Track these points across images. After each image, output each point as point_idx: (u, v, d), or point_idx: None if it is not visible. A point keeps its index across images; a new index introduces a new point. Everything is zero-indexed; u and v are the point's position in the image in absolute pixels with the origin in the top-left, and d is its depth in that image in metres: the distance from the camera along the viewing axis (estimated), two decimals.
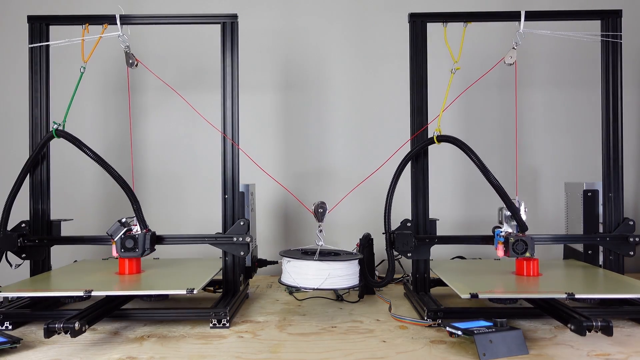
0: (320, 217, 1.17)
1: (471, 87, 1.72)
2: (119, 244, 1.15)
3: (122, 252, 1.15)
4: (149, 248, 1.16)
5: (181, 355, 0.91)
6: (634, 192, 1.77)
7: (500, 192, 1.11)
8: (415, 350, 0.93)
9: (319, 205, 1.18)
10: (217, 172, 1.25)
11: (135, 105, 1.76)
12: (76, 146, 1.16)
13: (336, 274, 1.10)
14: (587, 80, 1.74)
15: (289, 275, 1.11)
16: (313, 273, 1.09)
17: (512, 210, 1.12)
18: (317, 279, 1.08)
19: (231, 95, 1.24)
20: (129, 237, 1.15)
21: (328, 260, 1.09)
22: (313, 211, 1.18)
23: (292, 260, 1.12)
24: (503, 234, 1.16)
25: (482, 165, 1.12)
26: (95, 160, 1.16)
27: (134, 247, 1.15)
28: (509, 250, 1.12)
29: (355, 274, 1.13)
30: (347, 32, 1.78)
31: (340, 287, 1.12)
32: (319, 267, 1.09)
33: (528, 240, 1.12)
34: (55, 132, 1.18)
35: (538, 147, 1.76)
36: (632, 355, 0.89)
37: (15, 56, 1.76)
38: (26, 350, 0.94)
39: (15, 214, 1.21)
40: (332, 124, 1.78)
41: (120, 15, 1.23)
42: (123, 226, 1.16)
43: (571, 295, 0.98)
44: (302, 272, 1.10)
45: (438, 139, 1.19)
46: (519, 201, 1.16)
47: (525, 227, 1.13)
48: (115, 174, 1.16)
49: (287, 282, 1.12)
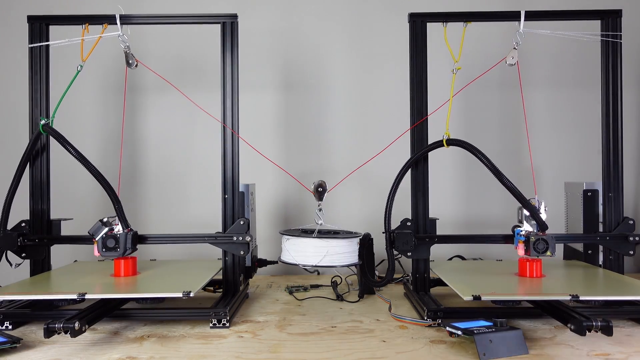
0: (319, 196, 1.17)
1: (472, 88, 1.71)
2: (100, 243, 1.14)
3: (103, 252, 1.14)
4: (130, 247, 1.16)
5: (181, 355, 0.92)
6: (634, 192, 1.77)
7: (516, 194, 1.10)
8: (415, 350, 0.93)
9: (319, 184, 1.18)
10: (218, 171, 1.25)
11: (136, 105, 1.76)
12: (60, 143, 1.15)
13: (334, 251, 1.09)
14: (587, 80, 1.74)
15: (288, 253, 1.11)
16: (312, 251, 1.09)
17: (530, 210, 1.12)
18: (315, 256, 1.08)
19: (231, 95, 1.24)
20: (110, 237, 1.15)
21: (326, 238, 1.09)
22: (313, 190, 1.17)
23: (291, 238, 1.11)
24: (523, 233, 1.15)
25: (495, 168, 1.11)
26: (78, 158, 1.14)
27: (115, 247, 1.14)
28: (529, 249, 1.12)
29: (354, 252, 1.12)
30: (347, 32, 1.78)
31: (339, 265, 1.11)
32: (317, 245, 1.08)
33: (549, 239, 1.11)
34: (42, 128, 1.18)
35: (538, 147, 1.76)
36: (632, 355, 0.89)
37: (15, 56, 1.76)
38: (26, 350, 0.94)
39: (15, 213, 1.21)
40: (332, 124, 1.78)
41: (120, 15, 1.24)
42: (104, 225, 1.15)
43: (575, 297, 0.97)
44: (301, 249, 1.09)
45: (447, 142, 1.18)
46: (538, 200, 1.15)
47: (546, 226, 1.12)
48: (96, 172, 1.15)
49: (286, 259, 1.12)
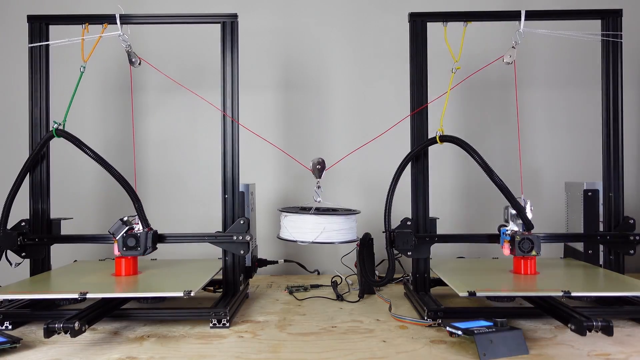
0: (318, 173, 1.17)
1: (472, 88, 1.71)
2: (120, 242, 1.14)
3: (124, 251, 1.14)
4: (150, 247, 1.16)
5: (181, 355, 0.91)
6: (634, 192, 1.77)
7: (505, 192, 1.11)
8: (415, 350, 0.93)
9: (318, 161, 1.18)
10: (218, 171, 1.25)
11: (136, 104, 1.76)
12: (76, 146, 1.16)
13: (332, 227, 1.09)
14: (587, 80, 1.74)
15: (286, 230, 1.11)
16: (309, 227, 1.08)
17: (518, 209, 1.12)
18: (313, 232, 1.08)
19: (231, 95, 1.24)
20: (130, 236, 1.14)
21: (324, 214, 1.09)
22: (311, 168, 1.17)
23: (289, 215, 1.11)
24: (509, 233, 1.16)
25: (486, 165, 1.11)
26: (96, 159, 1.16)
27: (136, 246, 1.14)
28: (515, 248, 1.12)
29: (352, 229, 1.12)
30: (347, 32, 1.78)
31: (337, 241, 1.11)
32: (315, 221, 1.08)
33: (534, 238, 1.12)
34: (55, 132, 1.18)
35: (538, 147, 1.76)
36: (633, 355, 0.89)
37: (16, 56, 1.76)
38: (26, 350, 0.94)
39: (16, 212, 1.21)
40: (332, 124, 1.78)
41: (120, 15, 1.24)
42: (125, 225, 1.15)
43: (567, 293, 0.98)
44: (298, 226, 1.09)
45: (441, 139, 1.19)
46: (524, 200, 1.16)
47: (531, 226, 1.13)
48: (117, 174, 1.16)
49: (284, 236, 1.12)
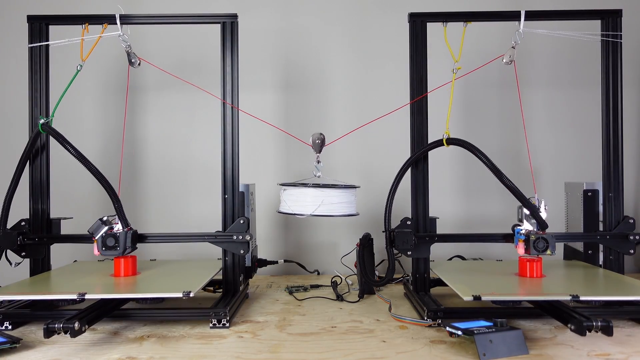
0: (318, 148, 1.17)
1: (472, 88, 1.71)
2: (100, 242, 1.14)
3: (103, 251, 1.14)
4: (130, 246, 1.16)
5: (181, 355, 0.91)
6: (634, 192, 1.77)
7: (516, 193, 1.10)
8: (415, 350, 0.93)
9: (317, 136, 1.17)
10: (218, 171, 1.25)
11: (136, 104, 1.76)
12: (59, 142, 1.15)
13: (330, 200, 1.09)
14: (587, 80, 1.74)
15: (285, 204, 1.11)
16: (308, 200, 1.09)
17: (530, 209, 1.12)
18: (312, 205, 1.08)
19: (231, 95, 1.24)
20: (110, 236, 1.14)
21: (323, 187, 1.09)
22: (311, 143, 1.17)
23: (288, 189, 1.12)
24: (523, 232, 1.15)
25: (495, 167, 1.11)
26: (77, 157, 1.14)
27: (115, 245, 1.14)
28: (530, 248, 1.12)
29: (351, 203, 1.12)
30: (347, 32, 1.78)
31: (336, 214, 1.11)
32: (313, 194, 1.08)
33: (549, 238, 1.11)
34: (41, 127, 1.18)
35: (538, 147, 1.76)
36: (633, 355, 0.89)
37: (15, 56, 1.76)
38: (26, 350, 0.94)
39: (15, 212, 1.21)
40: (332, 124, 1.77)
41: (120, 15, 1.23)
42: (104, 224, 1.15)
43: (576, 297, 0.97)
44: (297, 199, 1.10)
45: (447, 141, 1.18)
46: (538, 199, 1.15)
47: (546, 225, 1.12)
48: (96, 171, 1.14)
49: (283, 210, 1.12)
